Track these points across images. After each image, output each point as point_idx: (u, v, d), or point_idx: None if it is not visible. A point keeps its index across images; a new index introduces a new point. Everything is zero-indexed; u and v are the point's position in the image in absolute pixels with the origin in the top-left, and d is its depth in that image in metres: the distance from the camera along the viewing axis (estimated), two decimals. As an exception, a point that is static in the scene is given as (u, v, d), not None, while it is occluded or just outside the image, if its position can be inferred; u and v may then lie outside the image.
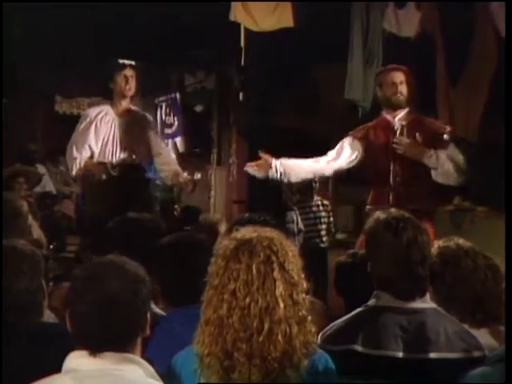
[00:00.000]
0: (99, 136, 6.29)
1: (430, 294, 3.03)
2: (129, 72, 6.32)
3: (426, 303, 2.85)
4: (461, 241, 3.23)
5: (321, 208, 8.58)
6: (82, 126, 6.36)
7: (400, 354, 2.72)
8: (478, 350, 2.77)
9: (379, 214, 2.98)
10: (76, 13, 9.41)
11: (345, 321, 2.87)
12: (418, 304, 2.83)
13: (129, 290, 2.20)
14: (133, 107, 6.56)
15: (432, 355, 2.73)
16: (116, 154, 6.31)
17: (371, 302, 2.88)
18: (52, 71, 10.62)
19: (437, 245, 3.25)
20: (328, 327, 2.85)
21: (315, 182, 8.54)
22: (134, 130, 6.37)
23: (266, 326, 2.31)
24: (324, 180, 9.41)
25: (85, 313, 2.18)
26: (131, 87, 6.33)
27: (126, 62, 6.44)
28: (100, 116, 6.35)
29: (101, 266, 2.30)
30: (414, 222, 2.94)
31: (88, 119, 6.36)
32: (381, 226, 2.91)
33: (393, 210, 3.02)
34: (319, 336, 2.79)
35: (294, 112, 10.00)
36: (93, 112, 6.45)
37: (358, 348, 2.72)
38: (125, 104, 6.40)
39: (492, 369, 2.33)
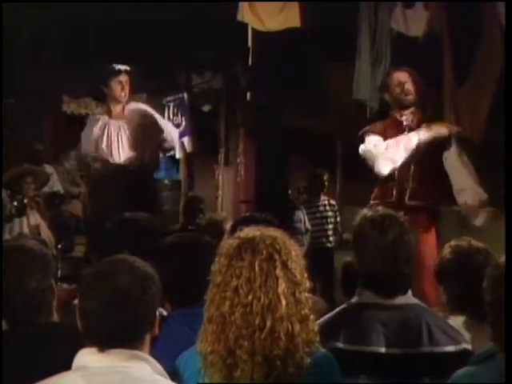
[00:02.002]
0: (94, 141, 6.39)
1: (439, 293, 3.03)
2: (124, 78, 6.39)
3: (408, 299, 2.88)
4: (473, 241, 3.23)
5: (328, 208, 8.59)
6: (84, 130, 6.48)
7: (382, 350, 2.74)
8: (461, 343, 2.79)
9: (366, 212, 3.01)
10: (82, 13, 9.42)
11: (327, 319, 2.90)
12: (399, 300, 2.85)
13: (138, 287, 2.22)
14: (127, 108, 6.56)
15: (415, 350, 2.74)
16: (114, 156, 6.37)
17: (354, 299, 2.92)
18: (59, 71, 10.64)
19: (448, 244, 3.24)
20: None
21: (323, 182, 8.55)
22: (133, 131, 6.43)
23: (268, 324, 2.31)
24: (332, 179, 9.42)
25: (94, 308, 2.19)
26: (126, 93, 6.44)
27: (122, 67, 6.50)
28: (95, 121, 6.45)
29: (110, 263, 2.32)
30: (400, 221, 2.97)
31: (88, 125, 6.47)
32: (367, 224, 2.94)
33: (380, 208, 3.05)
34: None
35: (301, 112, 10.01)
36: (92, 118, 6.56)
37: (340, 345, 2.73)
38: (118, 108, 6.45)
39: (477, 368, 2.33)
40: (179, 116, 11.25)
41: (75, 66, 10.40)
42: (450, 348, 2.75)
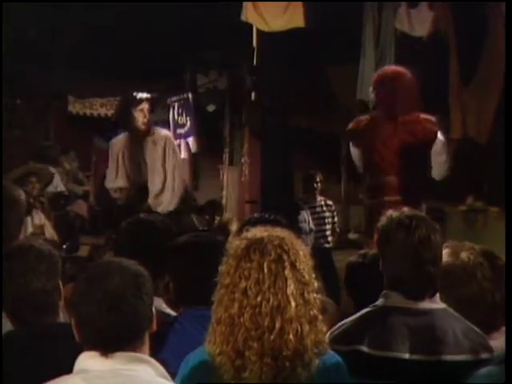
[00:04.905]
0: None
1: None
2: (145, 106, 6.48)
3: (435, 304, 2.83)
4: (466, 256, 3.07)
5: (324, 208, 8.56)
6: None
7: (406, 356, 2.71)
8: (488, 351, 2.75)
9: (392, 213, 2.95)
10: (88, 13, 9.44)
11: (352, 321, 2.86)
12: (426, 304, 2.81)
13: (132, 285, 2.21)
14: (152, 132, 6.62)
15: (439, 357, 2.71)
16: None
17: (379, 301, 2.86)
18: (65, 72, 10.67)
19: (444, 259, 3.13)
20: (336, 327, 2.84)
21: (316, 183, 8.51)
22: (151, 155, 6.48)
23: (278, 325, 2.31)
24: (337, 179, 9.42)
25: (93, 312, 2.18)
26: (147, 120, 6.55)
27: (143, 96, 6.62)
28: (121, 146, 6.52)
29: (101, 266, 2.33)
30: (428, 221, 2.91)
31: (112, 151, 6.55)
32: (393, 224, 2.88)
33: (405, 208, 3.00)
34: (327, 336, 2.79)
35: (305, 112, 10.02)
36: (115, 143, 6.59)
37: (364, 349, 2.71)
38: (140, 135, 6.55)
39: (498, 368, 2.31)
40: (184, 116, 11.26)
41: (83, 67, 10.44)
42: (476, 356, 2.72)
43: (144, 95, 6.68)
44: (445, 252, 3.08)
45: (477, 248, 3.12)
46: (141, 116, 6.51)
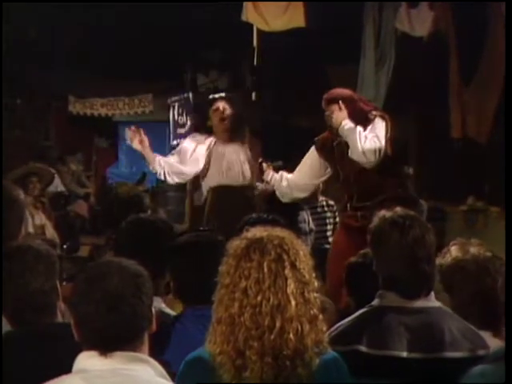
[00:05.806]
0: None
1: (446, 301, 3.00)
2: (220, 104, 6.19)
3: (431, 302, 2.84)
4: (476, 251, 3.11)
5: (326, 209, 8.50)
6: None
7: (404, 354, 2.72)
8: (483, 348, 2.75)
9: (385, 213, 2.96)
10: (88, 13, 9.46)
11: (349, 321, 2.87)
12: (422, 303, 2.82)
13: (131, 285, 2.21)
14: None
15: (437, 354, 2.72)
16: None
17: (375, 301, 2.87)
18: (65, 72, 10.69)
19: (454, 254, 3.14)
20: (333, 328, 2.84)
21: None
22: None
23: (278, 324, 2.31)
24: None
25: (92, 312, 2.17)
26: (226, 122, 6.19)
27: (217, 96, 6.46)
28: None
29: (100, 266, 2.32)
30: (421, 220, 2.94)
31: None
32: (387, 225, 2.89)
33: (398, 208, 3.01)
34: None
35: (306, 111, 10.02)
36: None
37: (363, 348, 2.72)
38: (226, 137, 6.31)
39: (493, 367, 2.31)
40: (184, 116, 11.26)
41: (84, 67, 10.45)
42: (473, 353, 2.72)
43: (217, 95, 6.50)
44: (454, 248, 3.13)
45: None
46: (218, 117, 6.19)
